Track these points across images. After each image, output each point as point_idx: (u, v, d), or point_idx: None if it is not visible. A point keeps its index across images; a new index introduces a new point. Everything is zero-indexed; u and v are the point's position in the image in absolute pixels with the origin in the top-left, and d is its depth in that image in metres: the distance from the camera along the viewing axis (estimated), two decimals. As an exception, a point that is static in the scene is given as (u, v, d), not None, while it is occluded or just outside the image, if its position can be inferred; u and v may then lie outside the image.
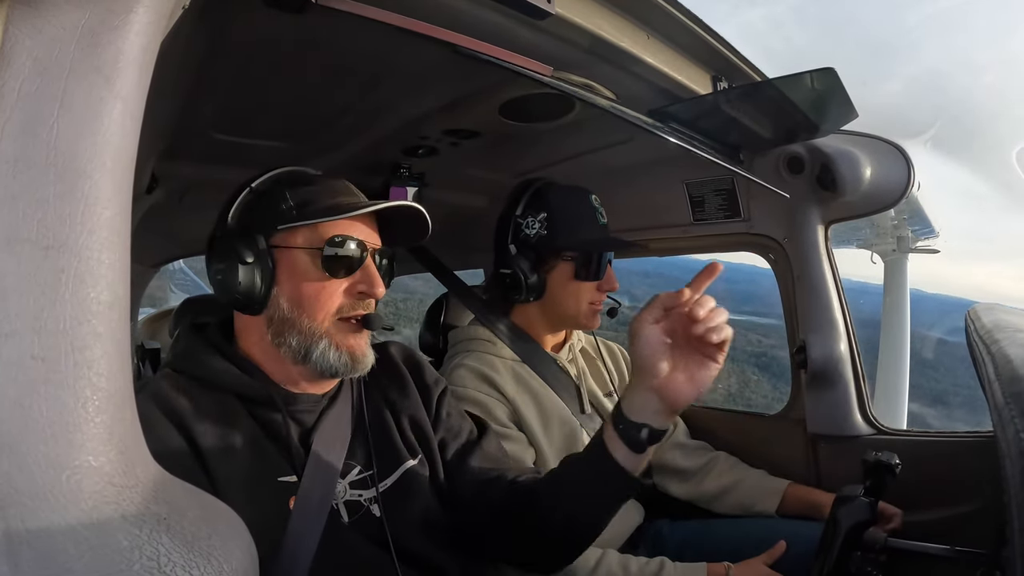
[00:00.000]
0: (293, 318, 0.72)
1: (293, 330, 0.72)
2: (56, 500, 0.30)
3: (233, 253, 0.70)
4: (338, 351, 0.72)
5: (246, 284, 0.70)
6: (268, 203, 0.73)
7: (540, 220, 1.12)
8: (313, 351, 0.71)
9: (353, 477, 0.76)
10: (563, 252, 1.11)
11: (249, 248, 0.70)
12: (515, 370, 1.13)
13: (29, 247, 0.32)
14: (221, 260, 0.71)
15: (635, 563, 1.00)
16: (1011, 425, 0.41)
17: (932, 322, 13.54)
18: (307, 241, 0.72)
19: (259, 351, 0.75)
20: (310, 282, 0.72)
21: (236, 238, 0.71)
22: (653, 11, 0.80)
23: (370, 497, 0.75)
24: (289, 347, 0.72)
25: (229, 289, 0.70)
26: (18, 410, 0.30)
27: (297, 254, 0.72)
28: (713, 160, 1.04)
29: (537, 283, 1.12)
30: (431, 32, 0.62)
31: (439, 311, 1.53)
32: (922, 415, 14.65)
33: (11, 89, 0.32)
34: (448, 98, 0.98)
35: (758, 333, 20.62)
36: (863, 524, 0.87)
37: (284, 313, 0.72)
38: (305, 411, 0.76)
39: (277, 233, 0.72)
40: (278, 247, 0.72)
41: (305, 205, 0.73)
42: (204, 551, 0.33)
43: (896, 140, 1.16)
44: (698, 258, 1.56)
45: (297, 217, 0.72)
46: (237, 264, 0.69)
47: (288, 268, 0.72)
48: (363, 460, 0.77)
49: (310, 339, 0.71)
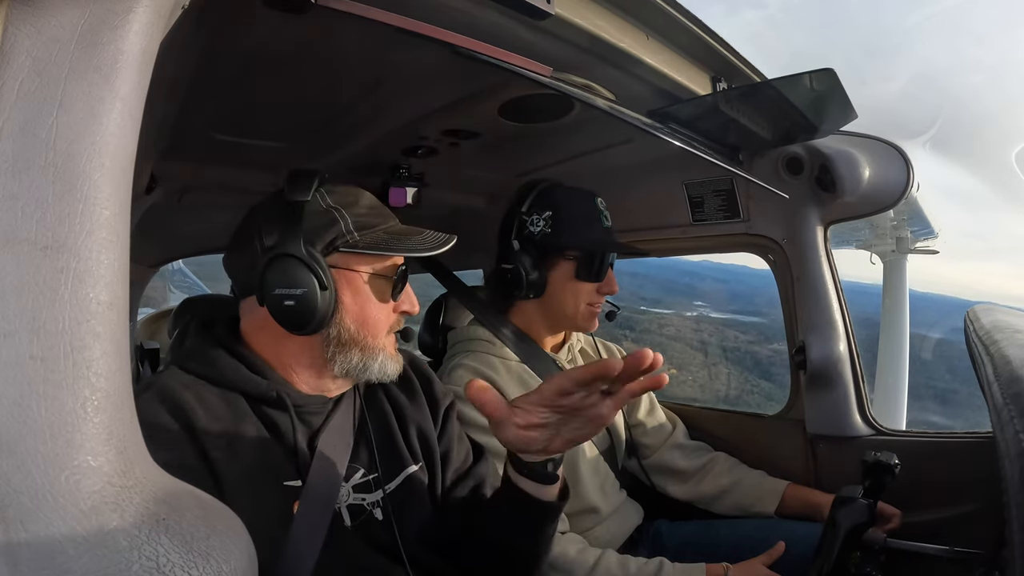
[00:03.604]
0: (359, 338, 0.74)
1: (355, 348, 0.74)
2: (55, 500, 0.30)
3: (308, 276, 0.69)
4: (393, 361, 0.78)
5: (322, 308, 0.70)
6: (321, 222, 0.72)
7: (545, 218, 1.12)
8: (372, 365, 0.75)
9: (357, 481, 0.76)
10: (565, 251, 1.11)
11: (317, 274, 0.69)
12: (515, 370, 1.13)
13: (28, 247, 0.31)
14: (292, 283, 0.68)
15: (634, 563, 1.00)
16: (1010, 425, 0.41)
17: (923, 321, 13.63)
18: (374, 268, 0.75)
19: (279, 355, 0.75)
20: (376, 303, 0.75)
21: (299, 260, 0.69)
22: (653, 12, 0.80)
23: (373, 501, 0.75)
24: (348, 363, 0.74)
25: (303, 313, 0.69)
26: (17, 410, 0.30)
27: (362, 278, 0.74)
28: (712, 161, 1.04)
29: (538, 280, 1.12)
30: (431, 33, 0.62)
31: (438, 312, 1.53)
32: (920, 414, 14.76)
33: (10, 89, 0.32)
34: (448, 98, 0.98)
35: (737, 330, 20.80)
36: (862, 525, 0.87)
37: (351, 333, 0.74)
38: (314, 413, 0.76)
39: (336, 254, 0.72)
40: (337, 267, 0.73)
41: (365, 229, 0.74)
42: (203, 551, 0.33)
43: (895, 141, 1.16)
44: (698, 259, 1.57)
45: (361, 242, 0.73)
46: (315, 289, 0.69)
47: (352, 290, 0.74)
48: (367, 464, 0.77)
49: (371, 355, 0.75)
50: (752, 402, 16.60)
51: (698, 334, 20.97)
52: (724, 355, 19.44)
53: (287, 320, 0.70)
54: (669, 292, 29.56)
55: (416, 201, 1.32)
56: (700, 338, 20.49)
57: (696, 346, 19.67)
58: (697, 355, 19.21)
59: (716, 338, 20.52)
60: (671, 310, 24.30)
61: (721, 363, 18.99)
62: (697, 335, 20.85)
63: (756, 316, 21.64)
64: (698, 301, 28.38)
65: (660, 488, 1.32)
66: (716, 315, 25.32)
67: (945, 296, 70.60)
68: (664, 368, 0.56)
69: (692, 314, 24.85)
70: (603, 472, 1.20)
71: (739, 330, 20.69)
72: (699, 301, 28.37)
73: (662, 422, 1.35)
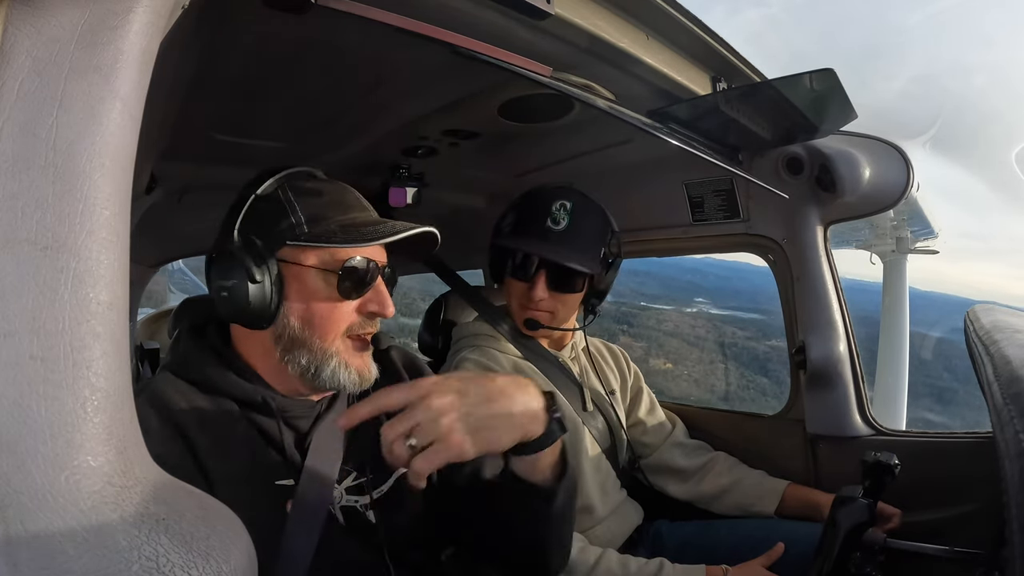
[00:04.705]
0: (304, 337, 0.70)
1: (303, 349, 0.70)
2: (55, 500, 0.30)
3: (240, 269, 0.67)
4: (347, 370, 0.71)
5: (255, 302, 0.67)
6: (274, 214, 0.70)
7: (509, 217, 1.16)
8: (323, 370, 0.71)
9: (349, 483, 0.75)
10: (505, 247, 1.14)
11: (258, 265, 0.67)
12: (517, 365, 1.14)
13: (28, 247, 0.31)
14: (226, 275, 0.67)
15: (634, 563, 1.00)
16: (1010, 426, 0.41)
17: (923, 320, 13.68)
18: (320, 262, 0.70)
19: (258, 359, 0.74)
20: (322, 302, 0.70)
21: (243, 252, 0.67)
22: (653, 11, 0.80)
23: (366, 503, 0.75)
24: (298, 364, 0.71)
25: (235, 305, 0.67)
26: (17, 410, 0.30)
27: (309, 272, 0.70)
28: (712, 161, 1.04)
29: (498, 276, 1.17)
30: (431, 32, 0.62)
31: (438, 311, 1.53)
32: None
33: (10, 89, 0.32)
34: (447, 98, 0.98)
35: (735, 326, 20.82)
36: (862, 525, 0.87)
37: (295, 332, 0.70)
38: (300, 417, 0.75)
39: (285, 247, 0.69)
40: (286, 262, 0.69)
41: (316, 221, 0.70)
42: (203, 551, 0.33)
43: (895, 141, 1.16)
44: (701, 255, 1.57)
45: (309, 235, 0.69)
46: (245, 281, 0.66)
47: (298, 286, 0.70)
48: (359, 467, 0.77)
49: (320, 358, 0.71)
50: (747, 397, 16.63)
51: (695, 330, 21.02)
52: (722, 351, 19.51)
53: (224, 312, 0.69)
54: (670, 288, 29.61)
55: (416, 201, 1.32)
56: (697, 334, 20.53)
57: (693, 342, 19.72)
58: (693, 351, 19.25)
59: (714, 334, 20.59)
60: (671, 306, 24.35)
61: (718, 359, 19.05)
62: (694, 331, 20.90)
63: (756, 313, 21.71)
64: (699, 297, 28.40)
65: (660, 487, 1.32)
66: (716, 311, 25.34)
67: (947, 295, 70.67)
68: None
69: (692, 310, 24.89)
70: (604, 471, 1.20)
71: (737, 326, 20.74)
72: (700, 297, 28.39)
73: (662, 421, 1.35)
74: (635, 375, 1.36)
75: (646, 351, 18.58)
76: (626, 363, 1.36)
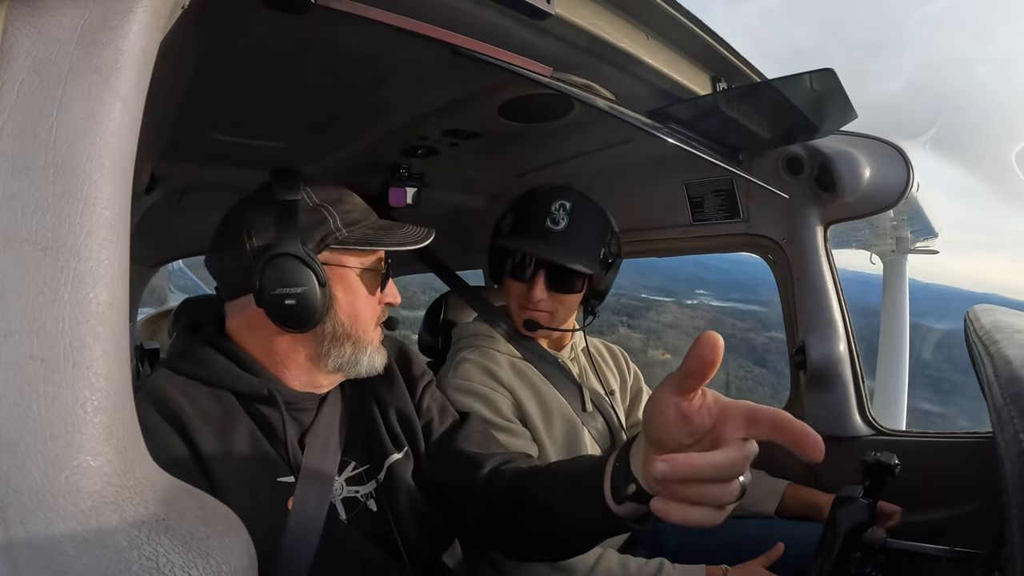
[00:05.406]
0: (351, 331, 0.76)
1: (349, 341, 0.76)
2: (55, 500, 0.30)
3: (308, 275, 0.70)
4: (379, 354, 0.80)
5: (322, 305, 0.72)
6: (312, 220, 0.73)
7: (508, 217, 1.15)
8: (362, 358, 0.78)
9: (349, 473, 0.76)
10: (505, 247, 1.13)
11: (316, 271, 0.71)
12: (516, 365, 1.14)
13: (28, 247, 0.31)
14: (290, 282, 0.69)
15: (634, 563, 1.00)
16: (1010, 426, 0.41)
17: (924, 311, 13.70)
18: (363, 262, 0.77)
19: (266, 354, 0.75)
20: (364, 298, 0.77)
21: (298, 259, 0.70)
22: (652, 11, 0.80)
23: (366, 492, 0.76)
24: (341, 357, 0.76)
25: (305, 311, 0.70)
26: (17, 410, 0.30)
27: (351, 273, 0.76)
28: (712, 161, 1.04)
29: (497, 277, 1.16)
30: (431, 32, 0.62)
31: (437, 312, 1.53)
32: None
33: (10, 89, 0.32)
34: (447, 98, 0.98)
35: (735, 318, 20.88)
36: (862, 525, 0.87)
37: (343, 328, 0.76)
38: (303, 410, 0.76)
39: (326, 251, 0.74)
40: (329, 264, 0.74)
41: (351, 225, 0.75)
42: (203, 551, 0.33)
43: (895, 140, 1.16)
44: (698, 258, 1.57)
45: (350, 238, 0.74)
46: (315, 286, 0.70)
47: (344, 285, 0.76)
48: (357, 456, 0.78)
49: (362, 348, 0.78)
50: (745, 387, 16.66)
51: (695, 321, 21.06)
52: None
53: (287, 319, 0.70)
54: (672, 281, 29.65)
55: (416, 201, 1.32)
56: (696, 325, 20.57)
57: (691, 332, 19.79)
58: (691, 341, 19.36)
59: (713, 325, 20.67)
60: (672, 298, 24.37)
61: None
62: (693, 322, 20.94)
63: (756, 305, 21.76)
64: (700, 289, 28.40)
65: (660, 488, 1.31)
66: (716, 303, 25.34)
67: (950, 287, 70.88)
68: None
69: (692, 302, 24.92)
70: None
71: (737, 318, 20.80)
72: (701, 289, 28.39)
73: None
74: (635, 375, 1.36)
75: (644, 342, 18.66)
76: (626, 363, 1.36)
